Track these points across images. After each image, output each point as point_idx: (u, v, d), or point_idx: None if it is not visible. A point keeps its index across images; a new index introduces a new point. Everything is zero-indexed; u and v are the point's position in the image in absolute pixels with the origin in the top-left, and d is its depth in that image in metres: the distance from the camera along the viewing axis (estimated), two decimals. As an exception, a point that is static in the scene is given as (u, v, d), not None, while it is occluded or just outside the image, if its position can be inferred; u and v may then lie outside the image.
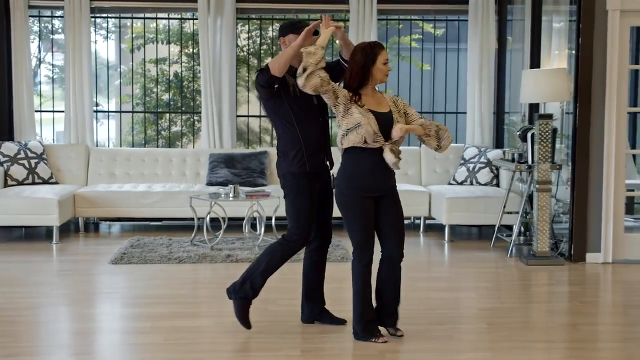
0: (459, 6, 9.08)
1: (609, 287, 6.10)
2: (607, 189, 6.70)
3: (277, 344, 4.45)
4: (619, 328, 4.85)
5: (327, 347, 4.39)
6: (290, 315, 4.99)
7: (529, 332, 4.69)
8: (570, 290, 5.91)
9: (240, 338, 4.58)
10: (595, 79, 6.66)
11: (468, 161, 8.54)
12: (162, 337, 4.58)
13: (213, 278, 6.24)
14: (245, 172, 8.57)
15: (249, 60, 9.83)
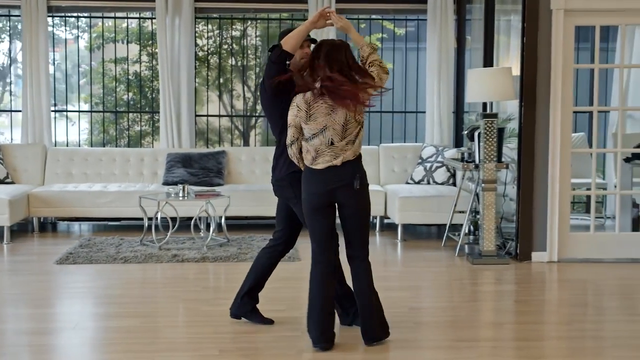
0: (418, 5, 9.09)
1: (549, 285, 6.11)
2: (552, 189, 6.71)
3: (197, 344, 4.45)
4: (546, 326, 4.85)
5: (246, 347, 4.38)
6: (220, 315, 4.99)
7: (453, 331, 4.70)
8: (508, 289, 5.92)
9: (163, 338, 4.58)
10: (540, 79, 6.67)
11: (425, 160, 8.54)
12: (86, 336, 4.57)
13: (152, 278, 6.23)
14: (202, 171, 8.57)
15: (208, 60, 9.81)
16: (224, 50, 9.97)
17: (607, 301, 5.62)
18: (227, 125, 10.58)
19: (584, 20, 6.77)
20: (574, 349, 4.36)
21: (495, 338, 4.59)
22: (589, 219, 6.98)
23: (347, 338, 4.51)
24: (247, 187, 8.48)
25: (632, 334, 4.68)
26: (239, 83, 10.14)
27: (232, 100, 10.24)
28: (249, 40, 10.19)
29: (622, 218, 6.95)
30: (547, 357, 4.22)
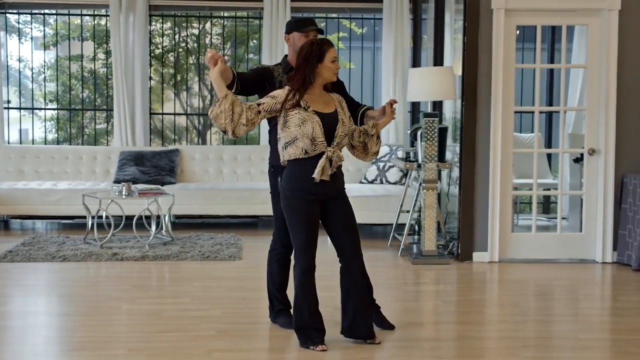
0: (374, 4, 9.07)
1: (482, 286, 6.09)
2: (493, 189, 6.69)
3: (108, 342, 4.41)
4: (464, 326, 4.81)
5: (156, 347, 4.35)
6: (138, 314, 4.96)
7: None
8: (439, 289, 5.90)
9: (76, 337, 4.55)
10: (481, 78, 6.65)
11: (379, 160, 8.52)
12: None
13: (85, 277, 6.17)
14: (154, 170, 8.53)
15: (163, 58, 9.77)
16: (182, 48, 9.92)
17: (535, 301, 5.61)
18: (185, 124, 10.55)
19: (525, 20, 6.76)
20: (483, 349, 4.34)
21: (406, 338, 4.54)
22: (544, 219, 6.99)
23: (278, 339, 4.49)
24: (198, 185, 8.45)
25: (546, 334, 4.67)
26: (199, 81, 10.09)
27: (187, 98, 10.19)
28: (207, 39, 10.15)
29: (572, 218, 6.90)
30: (453, 357, 4.20)
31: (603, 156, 6.70)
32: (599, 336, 4.69)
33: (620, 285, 6.17)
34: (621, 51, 6.63)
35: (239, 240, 7.61)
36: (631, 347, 4.46)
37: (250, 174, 8.91)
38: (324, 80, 4.23)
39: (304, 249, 4.28)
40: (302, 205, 4.23)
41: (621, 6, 6.59)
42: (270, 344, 4.37)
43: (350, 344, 4.34)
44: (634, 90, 6.66)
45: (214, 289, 5.71)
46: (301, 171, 4.19)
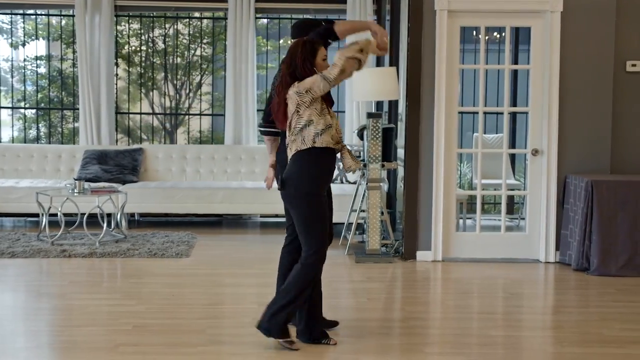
0: (337, 5, 9.14)
1: (418, 284, 6.14)
2: (436, 189, 6.75)
3: (18, 337, 4.51)
4: (379, 323, 4.85)
5: (65, 341, 4.43)
6: (59, 309, 5.06)
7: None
8: (372, 287, 5.95)
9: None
10: (425, 79, 6.71)
11: (339, 160, 8.58)
12: None
13: (25, 273, 6.23)
14: (117, 168, 8.64)
15: (130, 58, 9.87)
16: (151, 48, 10.02)
17: (463, 299, 5.66)
18: (155, 123, 10.64)
19: (468, 21, 6.82)
20: (385, 346, 4.39)
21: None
22: (507, 220, 7.01)
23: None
24: (159, 184, 8.54)
25: (457, 331, 4.72)
26: (166, 81, 10.18)
27: (152, 98, 10.29)
28: (174, 39, 10.24)
29: (530, 219, 6.89)
30: (350, 353, 4.25)
31: (546, 157, 6.75)
32: (510, 333, 4.73)
33: (554, 284, 6.23)
34: (563, 52, 6.67)
35: (193, 239, 7.70)
36: (536, 344, 4.52)
37: (213, 173, 9.00)
38: None
39: (318, 244, 4.26)
40: (319, 202, 4.25)
41: (563, 8, 6.64)
42: (181, 339, 4.44)
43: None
44: (576, 91, 6.71)
45: (149, 286, 5.80)
46: (331, 162, 4.25)
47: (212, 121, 9.98)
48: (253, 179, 8.94)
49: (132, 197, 8.18)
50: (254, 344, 4.37)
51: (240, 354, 4.20)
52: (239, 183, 8.68)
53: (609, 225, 6.30)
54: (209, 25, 9.64)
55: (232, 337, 4.51)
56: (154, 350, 4.26)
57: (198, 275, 6.20)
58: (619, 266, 6.29)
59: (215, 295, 5.54)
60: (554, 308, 5.49)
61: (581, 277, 6.28)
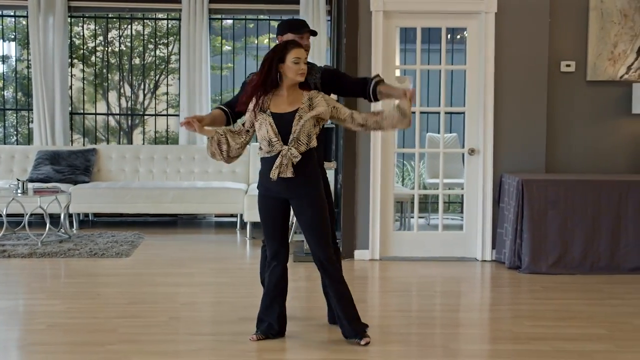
0: (290, 6, 9.18)
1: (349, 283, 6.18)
2: (373, 188, 6.80)
3: None
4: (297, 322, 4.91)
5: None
6: None
7: (197, 326, 4.80)
8: (300, 286, 6.00)
9: None
10: (361, 79, 6.75)
11: (291, 159, 8.63)
12: None
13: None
14: (69, 169, 8.68)
15: (84, 58, 9.91)
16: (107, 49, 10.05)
17: (387, 297, 5.72)
18: (112, 124, 10.68)
19: (405, 22, 6.88)
20: (291, 344, 4.45)
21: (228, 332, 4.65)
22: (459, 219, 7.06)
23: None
24: (110, 184, 8.59)
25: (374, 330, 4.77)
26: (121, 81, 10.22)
27: (108, 98, 10.32)
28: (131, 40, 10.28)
29: (468, 217, 6.94)
30: (254, 351, 4.30)
31: (482, 156, 6.81)
32: (423, 330, 4.78)
33: (485, 282, 6.30)
34: (498, 53, 6.74)
35: (139, 239, 7.76)
36: (442, 340, 4.58)
37: (166, 173, 9.05)
38: (289, 81, 4.27)
39: (268, 241, 4.58)
40: (262, 202, 4.51)
41: (497, 9, 6.70)
42: (92, 338, 4.49)
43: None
44: (511, 91, 6.77)
45: (78, 286, 5.85)
46: (264, 169, 4.42)
47: (166, 121, 10.00)
48: (206, 179, 8.99)
49: (82, 198, 8.23)
50: (161, 342, 4.42)
51: (145, 352, 4.25)
52: (190, 183, 8.73)
53: (540, 224, 6.37)
54: (174, 25, 9.67)
55: (142, 335, 4.55)
56: (61, 349, 4.31)
57: (130, 275, 6.25)
58: (549, 264, 6.36)
59: (139, 294, 5.59)
60: (476, 305, 5.55)
61: (513, 275, 6.34)
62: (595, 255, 6.38)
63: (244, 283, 6.04)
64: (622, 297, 5.66)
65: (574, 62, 6.86)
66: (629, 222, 6.37)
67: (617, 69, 6.84)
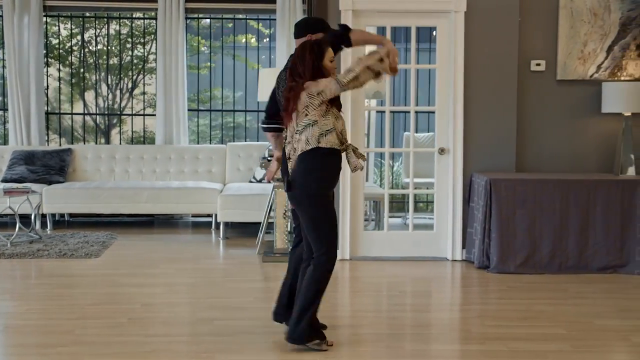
0: (268, 5, 9.15)
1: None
2: (343, 188, 6.77)
3: None
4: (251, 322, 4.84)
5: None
6: None
7: (154, 327, 4.77)
8: (265, 286, 5.99)
9: None
10: (331, 79, 6.73)
11: (268, 159, 8.61)
12: None
13: None
14: (43, 169, 8.64)
15: (60, 58, 9.88)
16: (84, 48, 10.03)
17: (351, 297, 5.70)
18: (90, 124, 10.64)
19: (374, 21, 6.86)
20: (247, 344, 4.42)
21: (178, 333, 4.65)
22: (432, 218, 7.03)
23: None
24: (84, 184, 8.55)
25: (343, 330, 4.75)
26: (97, 81, 10.19)
27: (84, 98, 10.29)
28: (108, 39, 10.25)
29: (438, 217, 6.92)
30: (185, 353, 4.28)
31: (452, 155, 6.79)
32: (379, 331, 4.76)
33: (452, 282, 6.28)
34: (468, 52, 6.71)
35: (112, 239, 7.73)
36: (401, 341, 4.55)
37: (142, 173, 9.01)
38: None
39: (333, 248, 4.30)
40: (332, 202, 4.29)
41: (467, 8, 6.68)
42: (46, 340, 4.45)
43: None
44: (481, 91, 6.75)
45: (43, 287, 5.83)
46: (337, 162, 4.24)
47: (143, 121, 9.97)
48: (182, 179, 8.96)
49: (55, 198, 8.21)
50: (115, 343, 4.40)
51: (96, 354, 4.22)
52: (164, 183, 8.70)
53: (508, 224, 6.35)
54: (152, 24, 9.66)
55: (97, 337, 4.53)
56: (10, 351, 4.28)
57: (96, 276, 6.22)
58: (518, 264, 6.34)
59: (101, 295, 5.56)
60: (438, 306, 5.53)
61: (481, 275, 6.32)
62: (563, 255, 6.36)
63: (208, 284, 6.01)
64: (587, 296, 5.64)
65: (544, 61, 6.85)
66: (597, 221, 6.35)
67: (587, 68, 6.82)
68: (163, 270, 6.44)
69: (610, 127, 6.84)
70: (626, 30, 6.78)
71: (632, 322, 4.94)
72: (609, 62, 6.80)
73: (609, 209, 6.35)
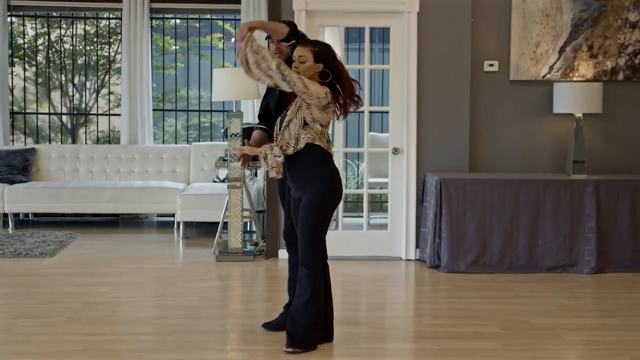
0: (232, 5, 9.16)
1: (261, 282, 6.22)
2: (297, 187, 6.80)
3: None
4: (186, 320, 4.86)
5: None
6: None
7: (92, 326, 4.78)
8: (214, 286, 6.00)
9: None
10: (284, 79, 6.75)
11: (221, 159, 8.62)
12: None
13: None
14: (6, 168, 8.64)
15: (25, 56, 9.88)
16: (51, 48, 10.03)
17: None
18: (58, 124, 10.64)
19: (328, 21, 6.89)
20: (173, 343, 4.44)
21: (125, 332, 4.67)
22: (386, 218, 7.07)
23: None
24: (47, 184, 8.55)
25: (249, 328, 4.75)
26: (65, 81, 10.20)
27: (50, 97, 10.27)
28: (75, 39, 10.25)
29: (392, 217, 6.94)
30: (141, 352, 4.29)
31: (406, 155, 6.82)
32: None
33: (403, 281, 6.32)
34: (421, 53, 6.74)
35: (71, 238, 7.73)
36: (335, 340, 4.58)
37: (106, 172, 9.01)
38: None
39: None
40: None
41: (419, 9, 6.71)
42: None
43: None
44: (435, 91, 6.78)
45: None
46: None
47: (109, 121, 9.98)
48: (146, 179, 8.96)
49: (17, 197, 8.21)
50: (49, 342, 4.42)
51: (29, 352, 4.23)
52: (127, 182, 8.70)
53: (458, 223, 6.38)
54: (119, 24, 9.66)
55: (33, 336, 4.54)
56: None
57: (47, 275, 6.23)
58: (468, 263, 6.38)
59: (47, 294, 5.56)
60: (384, 305, 5.56)
61: (432, 274, 6.35)
62: (513, 254, 6.40)
63: (157, 283, 6.03)
64: (531, 295, 5.67)
65: (497, 61, 6.88)
66: (547, 220, 6.39)
67: (540, 68, 6.86)
68: (115, 269, 6.45)
69: (562, 127, 6.88)
70: (578, 31, 6.82)
71: (569, 321, 4.98)
72: (561, 62, 6.84)
73: (558, 208, 6.39)
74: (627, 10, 6.83)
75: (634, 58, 6.86)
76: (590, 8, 6.82)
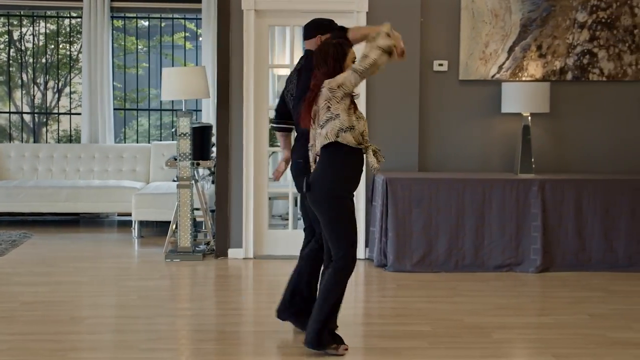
0: (193, 5, 9.16)
1: (209, 282, 6.22)
2: (246, 187, 6.80)
3: None
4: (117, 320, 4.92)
5: None
6: None
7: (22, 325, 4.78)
8: (156, 285, 5.98)
9: None
10: (234, 79, 6.76)
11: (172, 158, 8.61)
12: None
13: None
14: (-33, 168, 8.63)
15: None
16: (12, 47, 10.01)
17: (260, 296, 5.77)
18: (20, 123, 10.62)
19: (277, 21, 6.89)
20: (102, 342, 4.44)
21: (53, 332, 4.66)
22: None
23: None
24: (4, 183, 8.54)
25: (183, 327, 4.77)
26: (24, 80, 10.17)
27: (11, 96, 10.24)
28: (37, 38, 10.23)
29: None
30: (65, 351, 4.29)
31: (355, 155, 6.82)
32: (245, 329, 4.80)
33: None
34: (370, 52, 6.74)
35: (25, 237, 7.71)
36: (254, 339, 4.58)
37: (65, 172, 9.00)
38: None
39: (352, 248, 4.21)
40: (351, 204, 4.21)
41: (369, 8, 6.72)
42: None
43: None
44: (384, 91, 6.79)
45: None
46: (358, 162, 4.18)
47: (70, 120, 9.96)
48: (105, 178, 8.95)
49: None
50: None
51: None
52: (85, 182, 8.69)
53: (404, 223, 6.39)
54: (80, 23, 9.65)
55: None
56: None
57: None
58: (414, 262, 6.39)
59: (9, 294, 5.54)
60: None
61: (379, 274, 6.37)
62: (459, 254, 6.42)
63: (100, 282, 6.02)
64: (472, 294, 5.68)
65: (446, 61, 6.90)
66: (493, 220, 6.41)
67: (489, 68, 6.88)
68: (62, 269, 6.44)
69: (511, 127, 6.90)
70: (527, 31, 6.85)
71: (502, 320, 4.99)
72: (510, 62, 6.86)
73: (504, 208, 6.41)
74: (576, 11, 6.86)
75: (582, 58, 6.88)
76: (538, 8, 6.84)
